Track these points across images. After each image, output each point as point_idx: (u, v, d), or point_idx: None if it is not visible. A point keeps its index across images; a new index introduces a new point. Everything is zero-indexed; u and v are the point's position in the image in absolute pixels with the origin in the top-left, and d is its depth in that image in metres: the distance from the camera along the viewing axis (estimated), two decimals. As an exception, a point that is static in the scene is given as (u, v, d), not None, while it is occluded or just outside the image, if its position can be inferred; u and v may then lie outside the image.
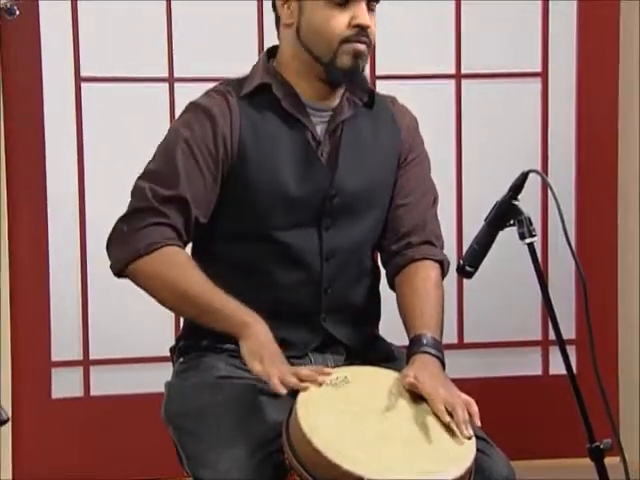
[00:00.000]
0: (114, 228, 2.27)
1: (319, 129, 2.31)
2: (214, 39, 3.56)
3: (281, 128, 2.28)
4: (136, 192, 2.26)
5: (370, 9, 2.24)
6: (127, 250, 2.22)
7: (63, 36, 3.53)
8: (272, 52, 2.36)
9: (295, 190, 2.26)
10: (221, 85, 2.33)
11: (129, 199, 2.27)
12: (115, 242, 2.26)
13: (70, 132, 3.56)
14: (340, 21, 2.21)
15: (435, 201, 2.42)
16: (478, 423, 2.03)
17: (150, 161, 2.29)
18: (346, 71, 2.24)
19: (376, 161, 2.34)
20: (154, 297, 2.22)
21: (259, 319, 2.13)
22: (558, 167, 3.74)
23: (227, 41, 3.55)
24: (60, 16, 3.52)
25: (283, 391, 2.00)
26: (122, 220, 2.26)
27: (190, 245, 2.33)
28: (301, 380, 2.02)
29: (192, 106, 2.30)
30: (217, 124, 2.25)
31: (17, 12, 2.18)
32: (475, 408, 2.04)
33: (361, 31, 2.22)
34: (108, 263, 3.43)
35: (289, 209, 2.26)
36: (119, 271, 2.25)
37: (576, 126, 3.76)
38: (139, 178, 2.27)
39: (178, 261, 2.21)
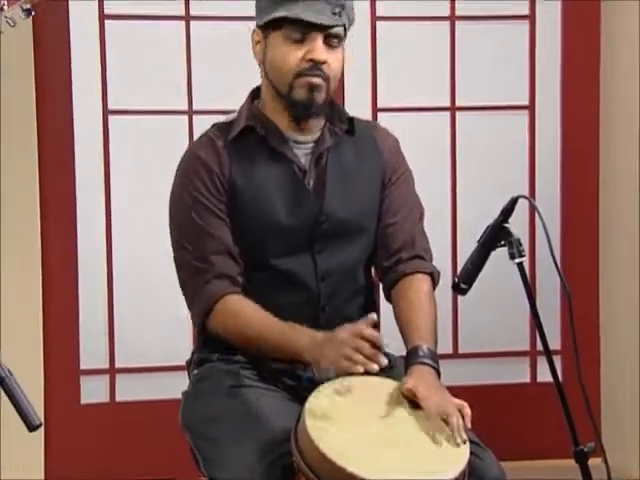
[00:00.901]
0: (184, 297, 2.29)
1: (303, 160, 2.28)
2: (229, 76, 3.55)
3: (268, 163, 2.26)
4: (178, 260, 2.27)
5: (330, 45, 2.21)
6: (197, 312, 2.25)
7: (92, 74, 3.53)
8: (256, 93, 2.34)
9: (286, 220, 2.24)
10: (211, 130, 2.32)
11: (176, 269, 2.28)
12: (189, 308, 2.29)
13: (98, 158, 3.56)
14: (295, 56, 2.19)
15: (421, 216, 2.38)
16: (469, 425, 2.02)
17: (172, 225, 2.29)
18: (302, 103, 2.21)
19: (361, 185, 2.31)
20: (232, 342, 2.23)
21: (311, 337, 2.12)
22: (544, 192, 3.72)
23: (239, 79, 3.54)
24: (88, 57, 3.53)
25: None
26: (184, 290, 2.28)
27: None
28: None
29: (185, 157, 2.30)
30: (210, 168, 2.24)
31: (33, 13, 2.15)
32: (468, 410, 2.04)
33: (315, 65, 2.19)
34: (133, 279, 3.43)
35: (283, 238, 2.25)
36: (202, 328, 2.27)
37: (561, 154, 3.75)
38: (174, 247, 2.28)
39: (236, 311, 2.21)
